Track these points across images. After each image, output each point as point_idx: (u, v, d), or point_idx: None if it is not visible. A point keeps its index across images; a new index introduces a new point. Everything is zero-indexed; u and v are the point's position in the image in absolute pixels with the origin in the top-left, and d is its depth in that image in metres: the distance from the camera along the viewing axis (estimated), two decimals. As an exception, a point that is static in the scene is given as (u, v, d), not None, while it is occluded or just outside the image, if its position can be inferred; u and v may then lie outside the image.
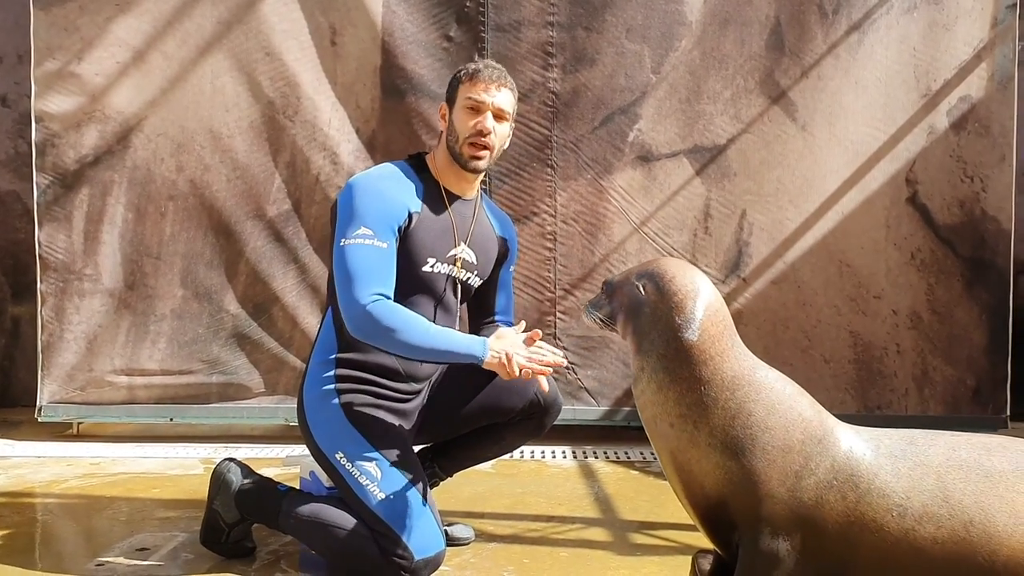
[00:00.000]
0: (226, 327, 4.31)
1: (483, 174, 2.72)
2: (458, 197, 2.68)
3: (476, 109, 2.59)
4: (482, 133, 2.58)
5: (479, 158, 2.61)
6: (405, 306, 2.49)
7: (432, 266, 2.59)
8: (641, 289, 2.08)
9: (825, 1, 4.19)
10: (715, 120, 4.24)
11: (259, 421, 4.40)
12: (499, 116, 2.62)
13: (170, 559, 2.72)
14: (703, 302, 2.03)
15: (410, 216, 2.53)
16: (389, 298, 2.44)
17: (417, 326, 2.41)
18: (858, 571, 1.99)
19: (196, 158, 4.29)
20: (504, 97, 2.62)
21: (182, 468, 3.87)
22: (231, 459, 2.76)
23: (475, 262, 2.72)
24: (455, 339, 2.44)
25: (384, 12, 4.22)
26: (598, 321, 2.19)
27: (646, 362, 2.06)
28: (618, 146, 4.25)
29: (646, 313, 2.07)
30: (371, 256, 2.43)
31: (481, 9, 4.22)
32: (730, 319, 2.10)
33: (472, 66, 2.64)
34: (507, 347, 2.40)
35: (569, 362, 4.25)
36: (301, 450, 4.06)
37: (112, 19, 4.24)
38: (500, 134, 2.64)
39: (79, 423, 4.46)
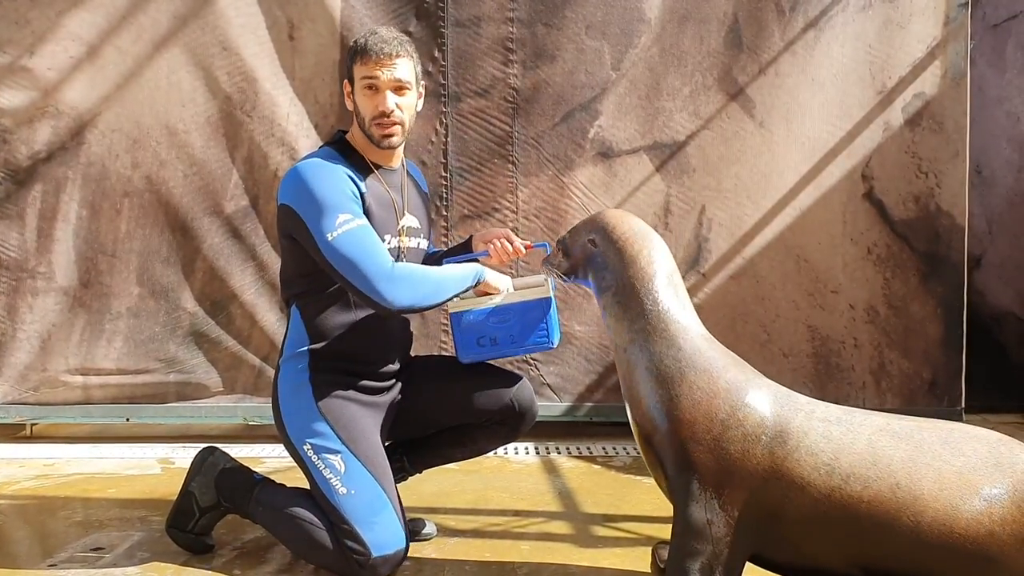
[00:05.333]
0: (183, 325, 4.26)
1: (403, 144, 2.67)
2: (387, 169, 2.64)
3: (374, 88, 2.51)
4: (384, 114, 2.51)
5: (390, 135, 2.55)
6: None
7: (387, 243, 2.57)
8: (592, 244, 2.33)
9: (782, -2, 4.23)
10: (674, 117, 4.26)
11: (217, 420, 4.34)
12: (399, 89, 2.53)
13: (126, 558, 2.67)
14: (641, 243, 2.29)
15: (361, 196, 2.50)
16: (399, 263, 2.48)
17: (433, 275, 2.48)
18: (785, 529, 2.08)
19: (152, 154, 4.22)
20: (401, 69, 2.52)
21: (139, 468, 3.81)
22: (213, 446, 2.75)
23: (419, 226, 2.72)
24: (458, 275, 2.53)
25: (343, 6, 4.19)
26: (559, 277, 2.45)
27: (605, 299, 2.32)
28: (579, 142, 4.25)
29: (599, 261, 2.33)
30: (363, 236, 2.40)
31: (440, 4, 4.20)
32: (670, 261, 2.31)
33: (361, 40, 2.52)
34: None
35: (532, 358, 4.25)
36: (260, 448, 4.02)
37: (64, 12, 4.17)
38: (407, 106, 2.56)
39: (32, 424, 4.37)
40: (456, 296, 2.53)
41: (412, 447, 2.85)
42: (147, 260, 4.24)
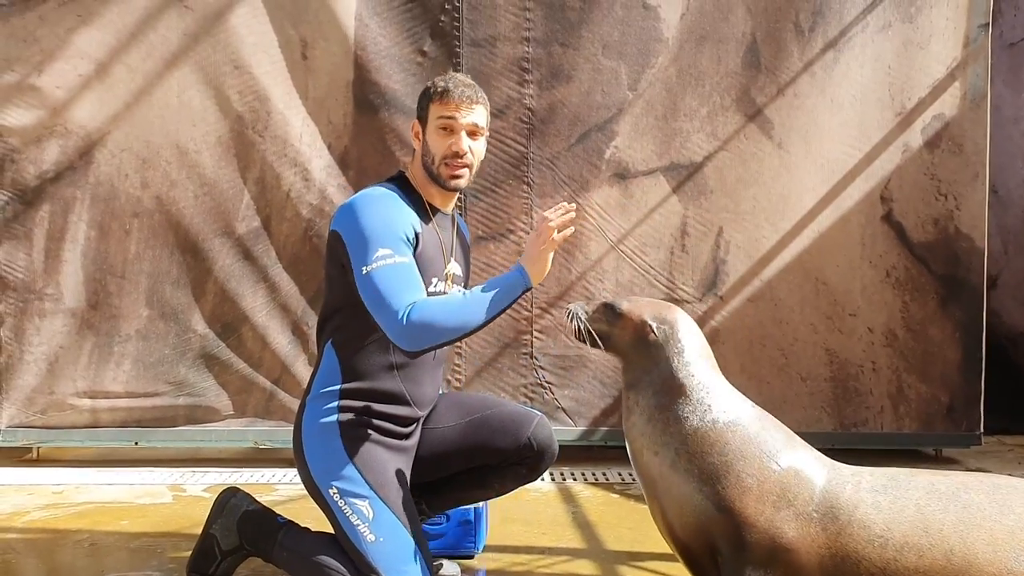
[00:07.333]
0: (193, 348, 4.19)
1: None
2: (440, 211, 2.62)
3: (450, 129, 2.51)
4: (458, 155, 2.51)
5: (458, 177, 2.53)
6: None
7: (434, 286, 2.53)
8: (655, 331, 2.21)
9: (801, 19, 4.18)
10: (692, 137, 4.21)
11: (227, 444, 4.29)
12: (473, 133, 2.54)
13: (144, 601, 2.62)
14: (700, 351, 2.22)
15: (416, 236, 2.46)
16: (419, 300, 2.34)
17: (454, 307, 2.34)
18: None
19: (162, 174, 4.16)
20: (478, 114, 2.53)
21: (150, 496, 3.74)
22: (235, 488, 2.69)
23: (462, 274, 2.70)
24: (496, 293, 2.36)
25: (356, 26, 4.13)
26: (583, 332, 2.30)
27: (641, 396, 2.20)
28: (595, 163, 4.20)
29: (651, 353, 2.20)
30: (396, 274, 2.34)
31: (456, 24, 4.15)
32: (715, 361, 2.26)
33: (441, 84, 2.53)
34: (535, 257, 2.40)
35: (546, 382, 4.20)
36: (271, 474, 3.96)
37: (73, 30, 4.11)
38: (477, 151, 2.56)
39: (39, 447, 4.30)
40: (502, 313, 2.39)
41: (430, 489, 2.77)
42: (157, 281, 4.18)
